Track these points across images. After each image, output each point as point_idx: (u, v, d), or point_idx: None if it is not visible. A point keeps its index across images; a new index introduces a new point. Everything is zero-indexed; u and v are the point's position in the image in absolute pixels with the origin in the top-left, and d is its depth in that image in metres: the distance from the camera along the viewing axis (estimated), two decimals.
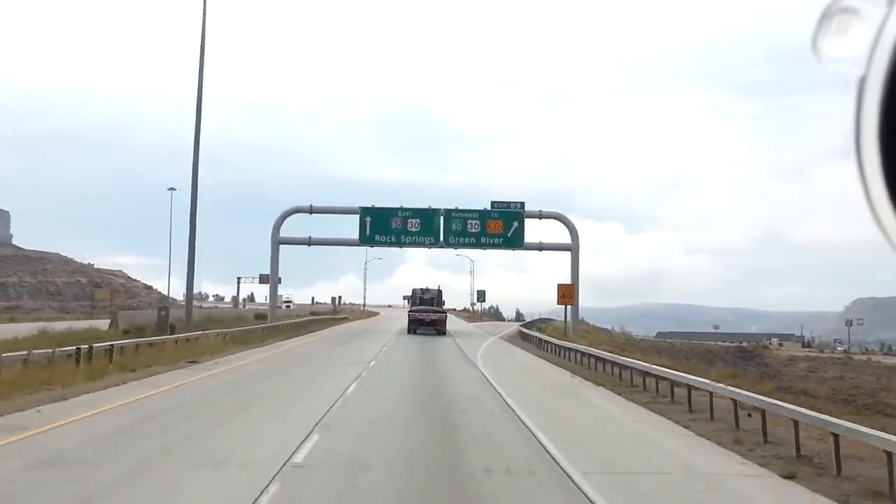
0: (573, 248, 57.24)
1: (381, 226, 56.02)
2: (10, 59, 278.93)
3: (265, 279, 65.50)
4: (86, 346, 25.30)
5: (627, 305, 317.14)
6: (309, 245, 58.11)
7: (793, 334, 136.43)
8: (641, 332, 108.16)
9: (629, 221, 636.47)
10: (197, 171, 43.75)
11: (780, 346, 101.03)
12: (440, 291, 63.35)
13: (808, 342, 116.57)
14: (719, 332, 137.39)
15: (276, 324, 54.37)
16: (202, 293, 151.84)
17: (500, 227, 56.22)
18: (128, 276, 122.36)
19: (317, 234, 58.50)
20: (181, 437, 13.60)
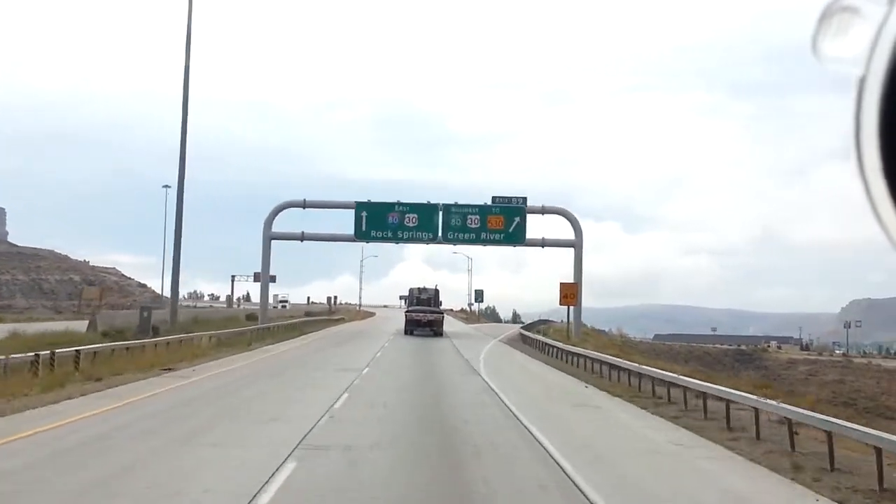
0: (577, 245, 54.80)
1: (377, 221, 54.35)
2: (9, 58, 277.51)
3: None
4: (47, 351, 23.14)
5: (623, 306, 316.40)
6: (301, 240, 56.50)
7: (791, 337, 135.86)
8: (638, 333, 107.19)
9: (627, 221, 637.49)
10: (183, 170, 42.42)
11: (779, 348, 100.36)
12: (437, 291, 62.71)
13: (807, 345, 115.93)
14: (717, 334, 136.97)
15: (266, 325, 52.05)
16: (197, 292, 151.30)
17: (501, 223, 54.28)
18: (122, 275, 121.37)
19: (311, 230, 57.37)
20: (111, 474, 10.96)
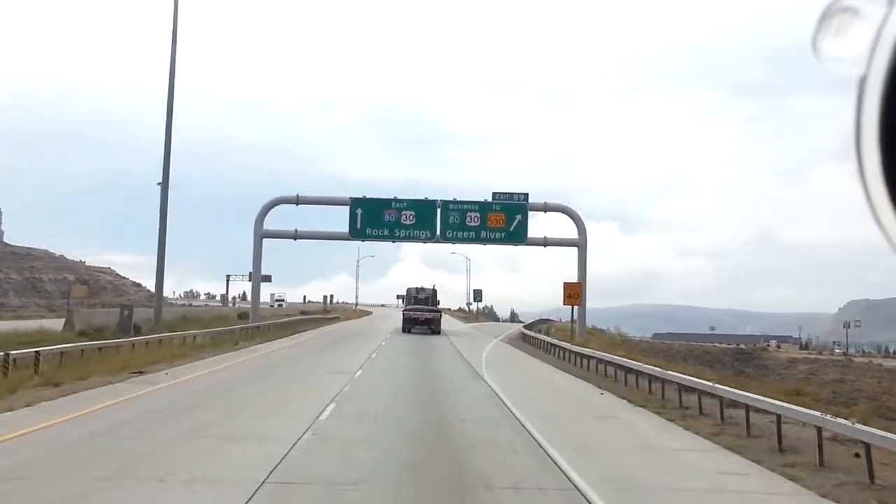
0: (580, 244, 52.60)
1: (374, 218, 52.58)
2: (4, 56, 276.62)
3: None
4: (13, 352, 21.40)
5: (622, 305, 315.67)
6: (295, 239, 54.99)
7: (790, 336, 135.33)
8: (637, 332, 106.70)
9: (626, 221, 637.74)
10: (168, 166, 41.45)
11: (779, 347, 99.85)
12: (435, 291, 63.16)
13: (806, 344, 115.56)
14: (715, 333, 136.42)
15: (257, 324, 50.52)
16: (194, 291, 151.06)
17: (502, 221, 52.13)
18: (116, 274, 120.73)
19: (305, 228, 55.78)
20: None
